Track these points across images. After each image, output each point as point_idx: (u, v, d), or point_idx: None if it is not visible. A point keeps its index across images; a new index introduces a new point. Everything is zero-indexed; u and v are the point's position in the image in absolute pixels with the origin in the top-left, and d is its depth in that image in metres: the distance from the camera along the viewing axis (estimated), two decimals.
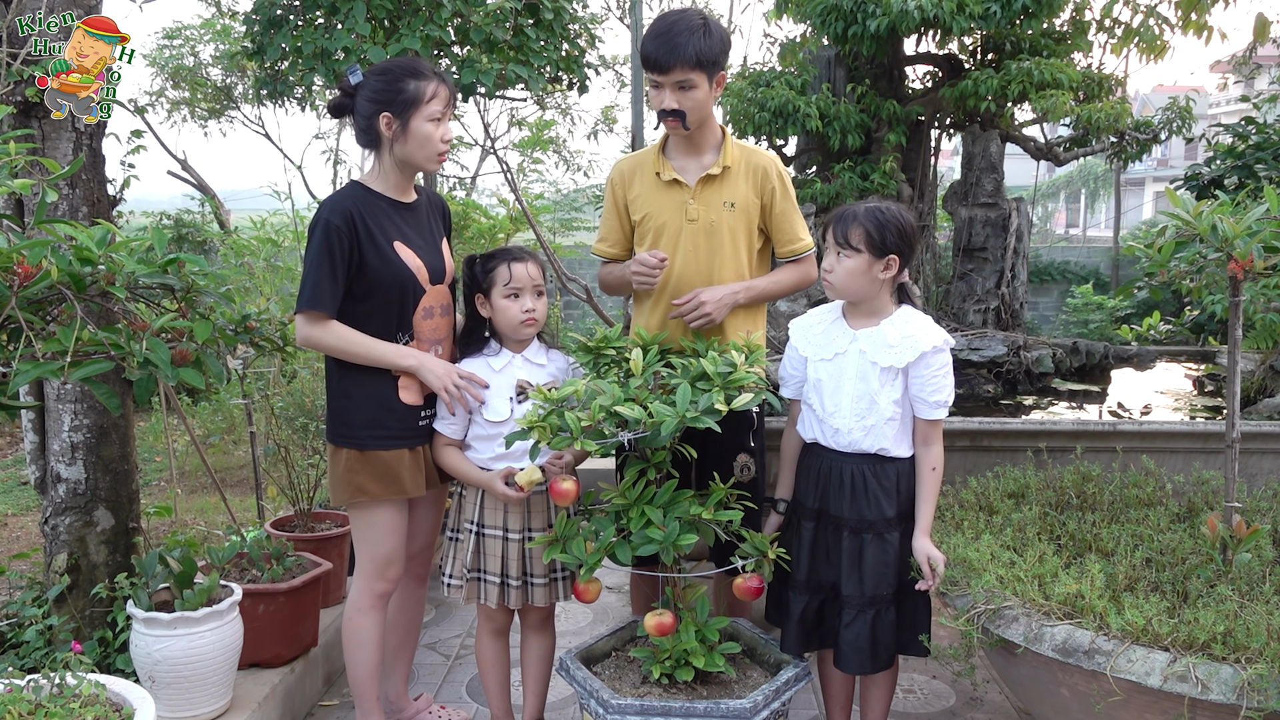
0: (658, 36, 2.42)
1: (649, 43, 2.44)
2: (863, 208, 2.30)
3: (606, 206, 2.75)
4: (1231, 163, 6.31)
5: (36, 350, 1.81)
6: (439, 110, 2.39)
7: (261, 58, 4.24)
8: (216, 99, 10.18)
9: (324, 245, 2.34)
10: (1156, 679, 1.88)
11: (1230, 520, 2.22)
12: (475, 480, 2.49)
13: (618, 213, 2.71)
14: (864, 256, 2.27)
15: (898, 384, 2.29)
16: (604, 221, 2.77)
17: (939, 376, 2.28)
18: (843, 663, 2.35)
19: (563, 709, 2.97)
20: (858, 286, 2.30)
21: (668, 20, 2.44)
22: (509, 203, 7.41)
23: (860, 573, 2.31)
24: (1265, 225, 2.09)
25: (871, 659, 2.32)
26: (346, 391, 2.46)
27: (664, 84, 2.45)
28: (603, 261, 2.79)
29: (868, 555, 2.31)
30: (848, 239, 2.28)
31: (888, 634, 2.32)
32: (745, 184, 2.60)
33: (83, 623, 2.75)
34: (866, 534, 2.32)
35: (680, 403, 2.06)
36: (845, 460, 2.34)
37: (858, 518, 2.32)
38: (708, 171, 2.57)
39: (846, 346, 2.35)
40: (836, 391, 2.34)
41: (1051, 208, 28.78)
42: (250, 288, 6.05)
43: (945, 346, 2.29)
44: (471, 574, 2.53)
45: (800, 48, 5.99)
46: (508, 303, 2.47)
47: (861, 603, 2.31)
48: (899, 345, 2.28)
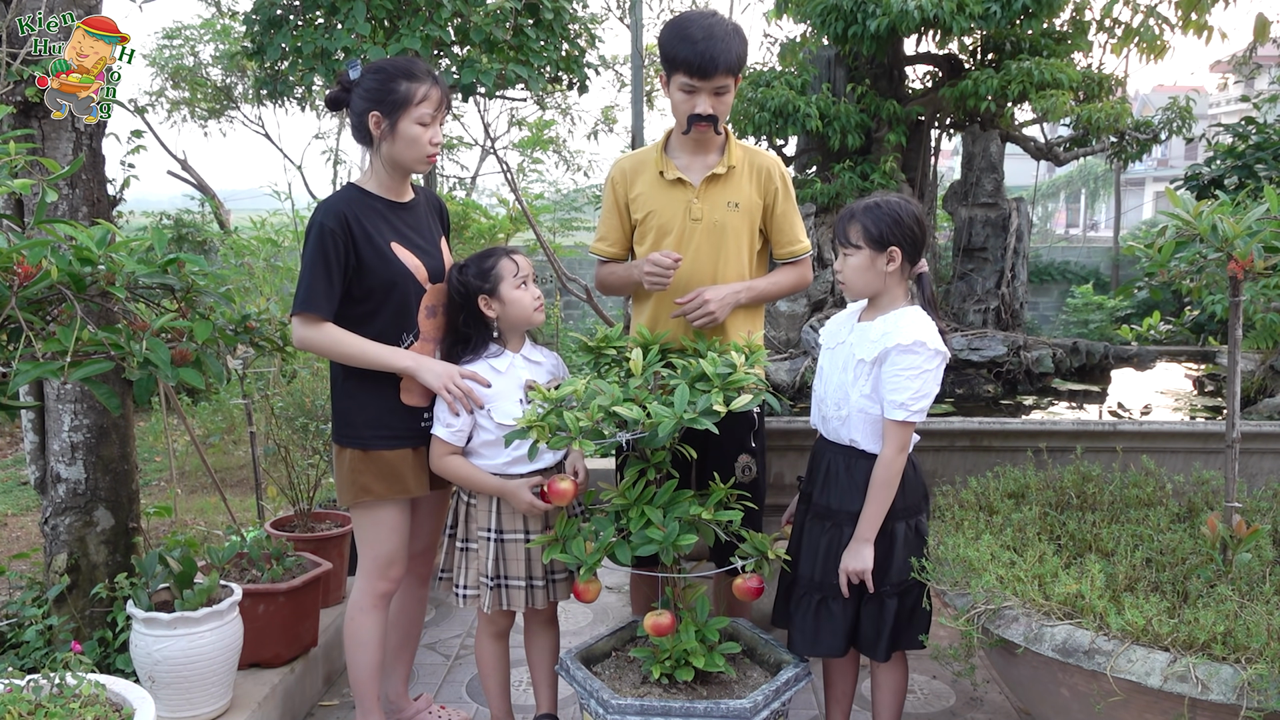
0: (697, 42, 2.37)
1: (685, 48, 2.38)
2: (861, 204, 2.31)
3: (606, 205, 2.72)
4: (1231, 163, 6.31)
5: (36, 350, 1.81)
6: (428, 113, 2.38)
7: (261, 58, 4.24)
8: (216, 99, 10.18)
9: (318, 248, 2.34)
10: (1156, 679, 1.88)
11: (1230, 520, 2.22)
12: (491, 488, 2.44)
13: (618, 211, 2.69)
14: (865, 252, 2.27)
15: (870, 379, 2.28)
16: (603, 220, 2.74)
17: (901, 376, 2.21)
18: (790, 640, 2.41)
19: (563, 709, 2.96)
20: (864, 282, 2.31)
21: (704, 25, 2.40)
22: (509, 203, 7.42)
23: (815, 557, 2.36)
24: (1265, 225, 2.09)
25: (812, 643, 2.35)
26: (350, 392, 2.46)
27: (701, 89, 2.43)
28: (601, 261, 2.76)
29: (822, 542, 2.35)
30: (848, 237, 2.29)
31: (833, 624, 2.33)
32: (749, 184, 2.59)
33: (83, 623, 2.75)
34: (827, 521, 2.36)
35: (678, 404, 2.06)
36: (830, 448, 2.40)
37: (825, 504, 2.37)
38: (713, 171, 2.57)
39: (845, 338, 2.38)
40: (827, 380, 2.40)
41: (1051, 208, 28.78)
42: (250, 288, 6.06)
43: (918, 347, 2.21)
44: (494, 581, 2.48)
45: (800, 48, 5.98)
46: (520, 293, 2.46)
47: (809, 585, 2.36)
48: (877, 340, 2.27)
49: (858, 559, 2.26)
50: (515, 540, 2.47)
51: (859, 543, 2.27)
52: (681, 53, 2.39)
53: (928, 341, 2.22)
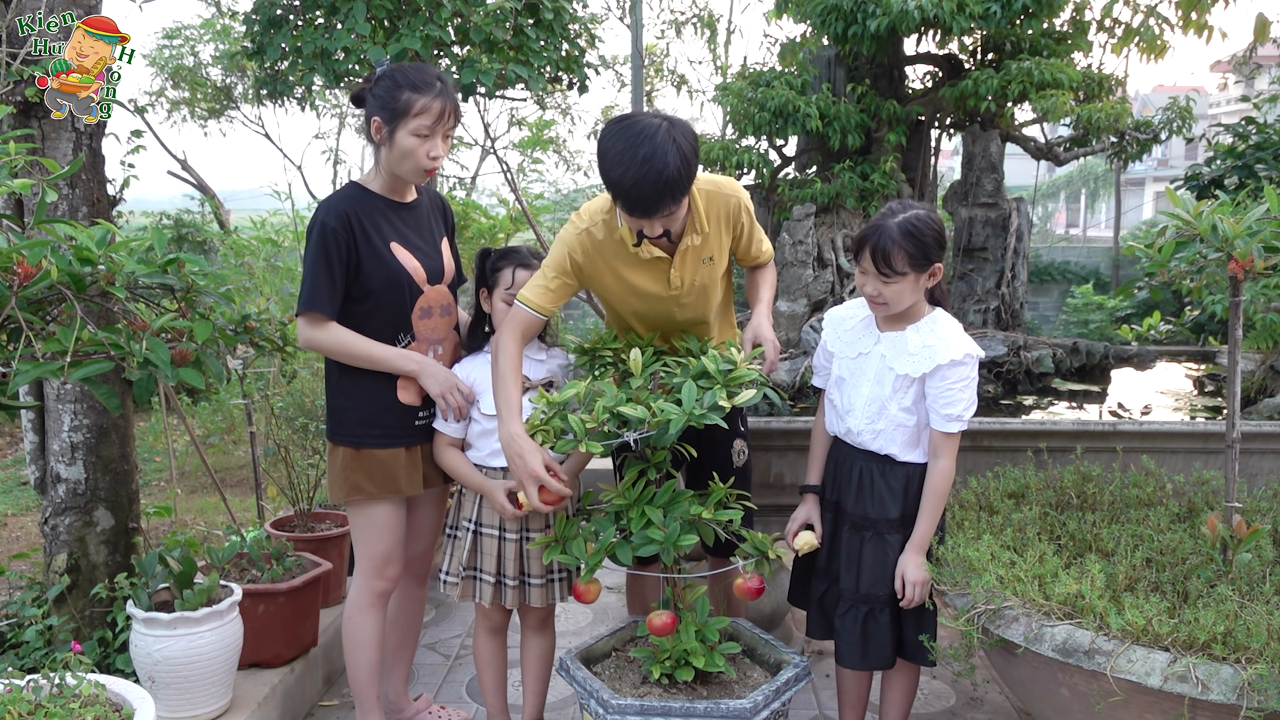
0: (629, 187, 2.09)
1: (620, 187, 2.11)
2: (895, 228, 2.19)
3: (558, 267, 2.36)
4: (1231, 163, 6.31)
5: (36, 350, 1.81)
6: (426, 126, 2.33)
7: (261, 58, 4.24)
8: (216, 99, 10.18)
9: (321, 248, 2.34)
10: (1157, 679, 1.88)
11: (1230, 520, 2.22)
12: (475, 484, 2.49)
13: (574, 279, 2.39)
14: (909, 275, 2.22)
15: (911, 392, 2.29)
16: (552, 276, 2.37)
17: (954, 389, 2.24)
18: (837, 655, 2.38)
19: (563, 709, 2.97)
20: (908, 302, 2.28)
21: (633, 161, 2.06)
22: (509, 203, 7.41)
23: (858, 569, 2.34)
24: (1265, 225, 2.09)
25: (862, 656, 2.34)
26: (345, 390, 2.47)
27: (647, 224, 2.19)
28: (522, 307, 2.37)
29: (866, 553, 2.33)
30: (892, 266, 2.19)
31: (881, 634, 2.33)
32: (718, 232, 2.41)
33: (83, 623, 2.75)
34: (867, 531, 2.34)
35: (686, 400, 2.06)
36: (858, 456, 2.37)
37: (861, 514, 2.35)
38: (688, 245, 2.35)
39: (870, 348, 2.35)
40: (854, 391, 2.36)
41: (1051, 208, 28.79)
42: (250, 288, 6.06)
43: (967, 360, 2.24)
44: (467, 572, 2.53)
45: (800, 48, 5.99)
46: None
47: (854, 598, 2.34)
48: (918, 354, 2.26)
49: (920, 570, 2.26)
50: (490, 535, 2.50)
51: (917, 553, 2.28)
52: (618, 190, 2.13)
53: (972, 351, 2.25)
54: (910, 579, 2.26)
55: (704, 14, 10.30)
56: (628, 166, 2.07)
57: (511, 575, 2.49)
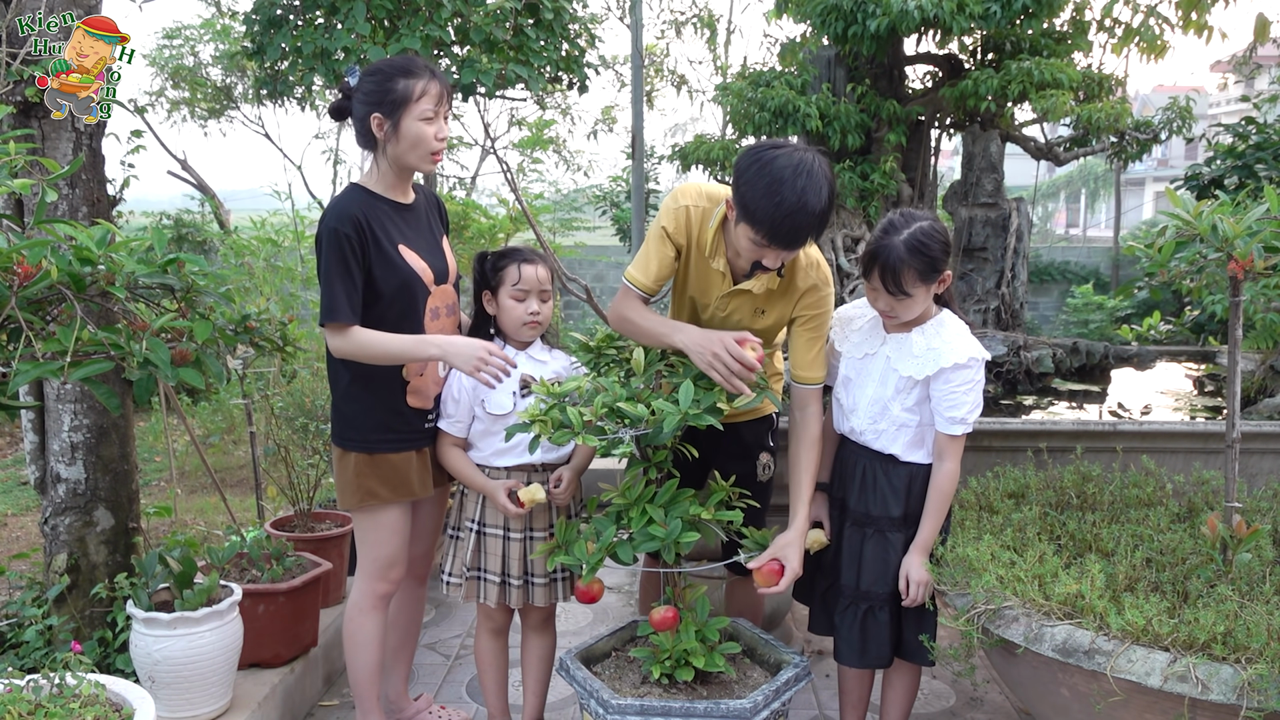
0: (783, 219, 2.04)
1: (770, 214, 2.04)
2: (902, 245, 2.16)
3: (661, 240, 2.32)
4: (1231, 163, 6.32)
5: (36, 350, 1.81)
6: (430, 109, 2.33)
7: (261, 58, 4.24)
8: (216, 99, 10.17)
9: (337, 255, 2.31)
10: (1156, 679, 1.88)
11: (1230, 520, 2.22)
12: (477, 485, 2.50)
13: (674, 253, 2.34)
14: (921, 288, 2.22)
15: (914, 393, 2.29)
16: (655, 254, 2.33)
17: (958, 392, 2.24)
18: (836, 652, 2.39)
19: (563, 709, 2.97)
20: (919, 310, 2.28)
21: (797, 189, 2.02)
22: (509, 203, 7.42)
23: (858, 566, 2.35)
24: (1265, 225, 2.09)
25: (860, 653, 2.35)
26: (356, 396, 2.44)
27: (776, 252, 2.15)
28: (636, 293, 2.35)
29: (867, 550, 2.34)
30: (902, 287, 2.19)
31: (879, 632, 2.33)
32: (785, 295, 2.35)
33: (83, 623, 2.75)
34: (868, 528, 2.35)
35: (683, 400, 2.06)
36: (861, 454, 2.38)
37: (863, 511, 2.36)
38: (752, 285, 2.29)
39: (877, 349, 2.36)
40: (859, 391, 2.37)
41: (1051, 208, 28.79)
42: (250, 288, 6.07)
43: (971, 363, 2.24)
44: (471, 572, 2.53)
45: (800, 48, 5.99)
46: (513, 303, 2.48)
47: (854, 595, 2.35)
48: (923, 356, 2.26)
49: (922, 570, 2.27)
50: (495, 535, 2.50)
51: (922, 554, 2.28)
52: (768, 220, 2.05)
53: (977, 355, 2.25)
54: (914, 579, 2.27)
55: (704, 14, 10.32)
56: (784, 197, 2.02)
57: (516, 575, 2.49)
